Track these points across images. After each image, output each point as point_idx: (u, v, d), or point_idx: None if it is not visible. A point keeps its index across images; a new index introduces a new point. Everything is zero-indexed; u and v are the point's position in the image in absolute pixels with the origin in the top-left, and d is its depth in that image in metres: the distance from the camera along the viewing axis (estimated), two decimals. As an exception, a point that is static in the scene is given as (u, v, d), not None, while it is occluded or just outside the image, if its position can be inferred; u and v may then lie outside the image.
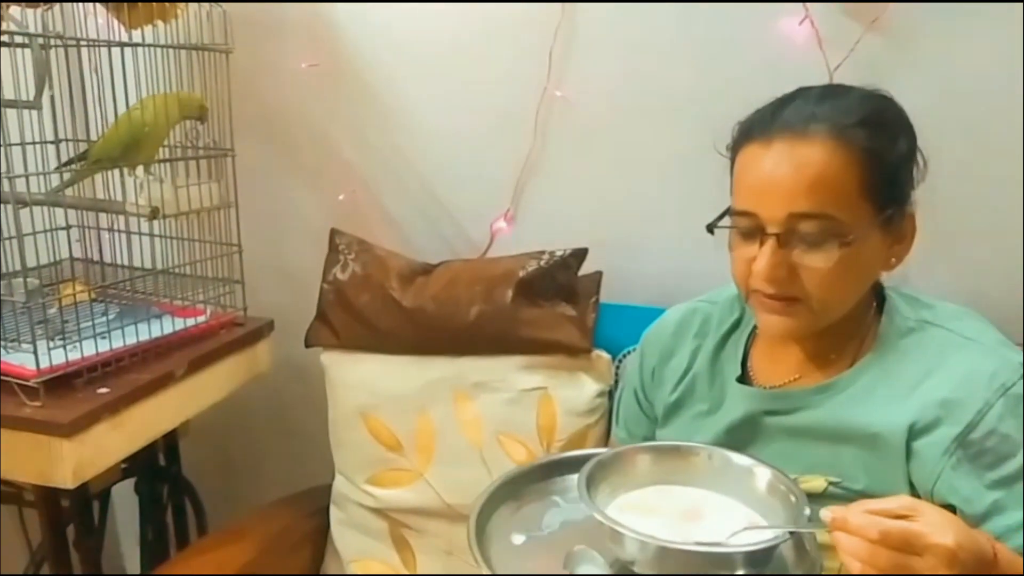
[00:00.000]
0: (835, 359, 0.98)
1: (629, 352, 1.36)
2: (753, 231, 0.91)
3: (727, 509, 0.88)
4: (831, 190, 0.87)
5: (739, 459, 0.91)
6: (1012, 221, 1.25)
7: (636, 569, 0.82)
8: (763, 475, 0.88)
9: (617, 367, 1.37)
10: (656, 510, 0.87)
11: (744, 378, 1.04)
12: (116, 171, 1.29)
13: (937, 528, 0.72)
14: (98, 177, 1.36)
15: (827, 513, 0.75)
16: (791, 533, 0.82)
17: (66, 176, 1.31)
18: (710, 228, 0.96)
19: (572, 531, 0.92)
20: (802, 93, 0.95)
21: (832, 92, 0.94)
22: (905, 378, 0.92)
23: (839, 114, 0.89)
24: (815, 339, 0.98)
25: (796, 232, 0.89)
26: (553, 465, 1.03)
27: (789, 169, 0.88)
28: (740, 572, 0.79)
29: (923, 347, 0.93)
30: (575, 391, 1.32)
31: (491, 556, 0.86)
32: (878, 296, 1.00)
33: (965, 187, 1.20)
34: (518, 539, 0.91)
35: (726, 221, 0.95)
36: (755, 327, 1.06)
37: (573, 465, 1.00)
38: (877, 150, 0.89)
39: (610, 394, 1.34)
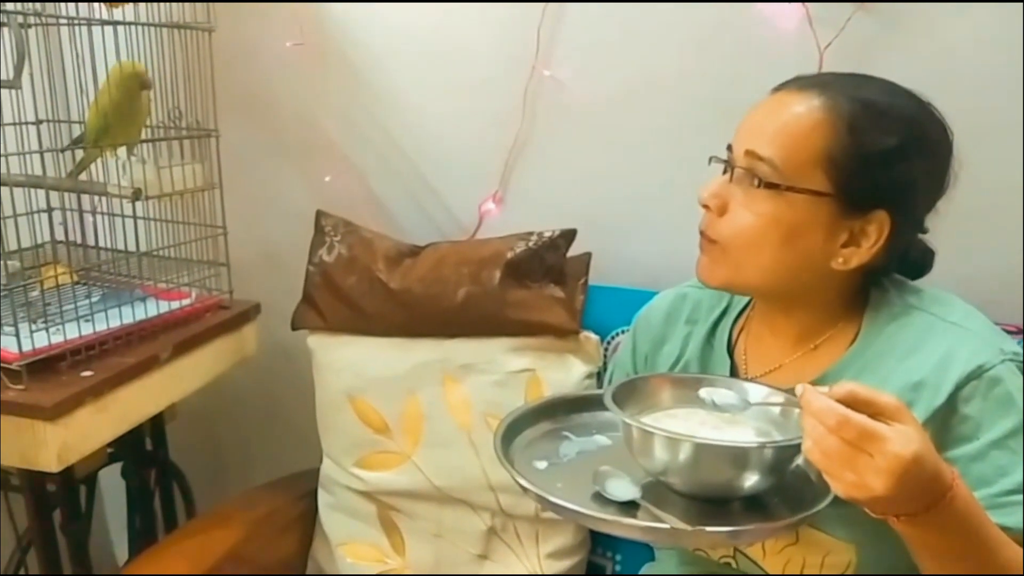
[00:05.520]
0: (822, 345, 0.96)
1: (618, 334, 1.36)
2: (727, 168, 0.92)
3: (742, 427, 0.89)
4: (790, 142, 0.87)
5: (755, 388, 0.92)
6: (1006, 203, 1.24)
7: (664, 479, 0.86)
8: (777, 400, 0.90)
9: (606, 348, 1.36)
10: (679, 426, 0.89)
11: (733, 366, 1.03)
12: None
13: (901, 437, 0.70)
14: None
15: (800, 388, 0.75)
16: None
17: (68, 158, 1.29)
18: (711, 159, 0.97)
19: (591, 458, 0.96)
20: (849, 74, 0.94)
21: (870, 78, 0.92)
22: (888, 364, 0.91)
23: (850, 87, 0.89)
24: (790, 322, 0.97)
25: (747, 174, 0.89)
26: (557, 404, 1.07)
27: (766, 111, 0.90)
28: (759, 476, 0.82)
29: (906, 331, 0.92)
30: (563, 373, 1.32)
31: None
32: (866, 282, 0.97)
33: (957, 168, 1.19)
34: (541, 464, 0.95)
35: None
36: (740, 314, 1.06)
37: (576, 405, 1.06)
38: (861, 130, 0.86)
39: (599, 376, 1.34)
